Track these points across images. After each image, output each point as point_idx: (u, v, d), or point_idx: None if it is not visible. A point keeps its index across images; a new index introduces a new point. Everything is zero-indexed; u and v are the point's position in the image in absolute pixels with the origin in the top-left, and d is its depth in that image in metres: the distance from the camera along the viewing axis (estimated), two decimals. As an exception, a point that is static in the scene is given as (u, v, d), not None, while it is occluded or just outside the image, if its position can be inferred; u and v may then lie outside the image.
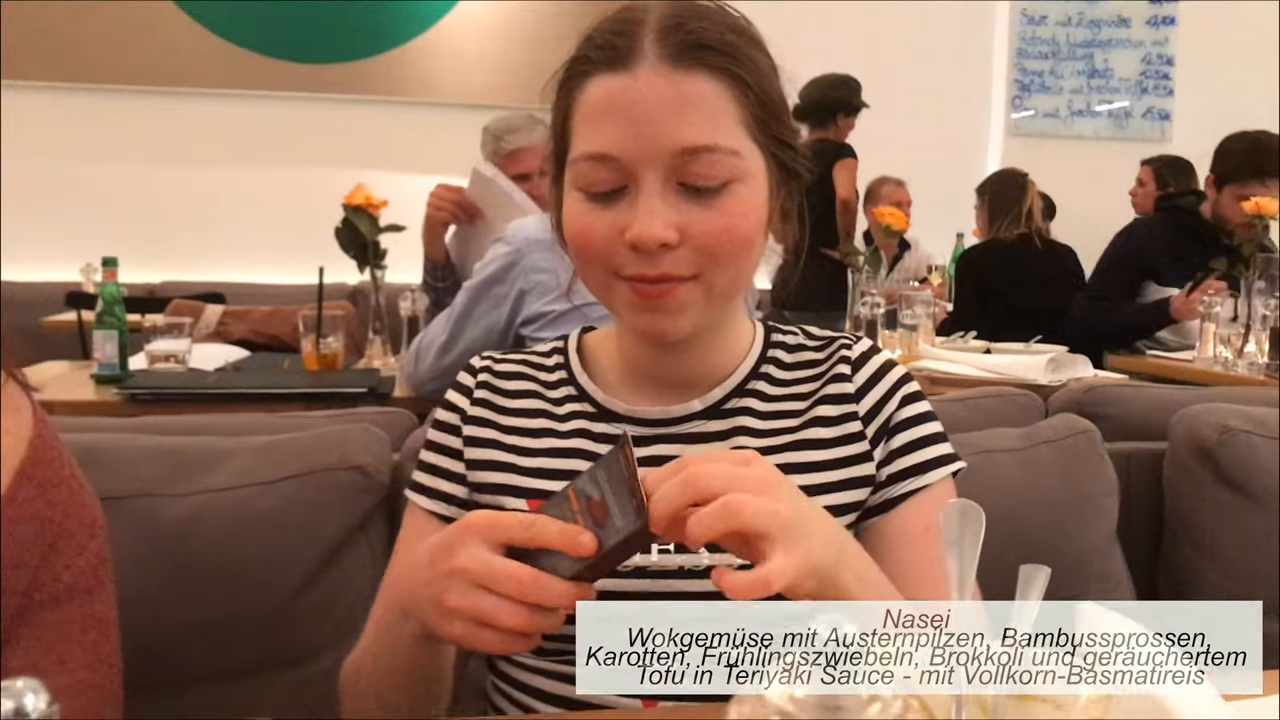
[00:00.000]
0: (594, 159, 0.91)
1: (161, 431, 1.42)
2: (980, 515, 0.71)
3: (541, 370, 1.08)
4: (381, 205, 2.64)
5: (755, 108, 0.93)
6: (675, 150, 0.89)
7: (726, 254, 0.92)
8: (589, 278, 0.97)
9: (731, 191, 0.92)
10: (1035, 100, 6.57)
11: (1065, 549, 1.48)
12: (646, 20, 0.92)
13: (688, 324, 0.95)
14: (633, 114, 0.89)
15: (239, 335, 3.17)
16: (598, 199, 0.92)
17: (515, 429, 1.04)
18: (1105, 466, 1.54)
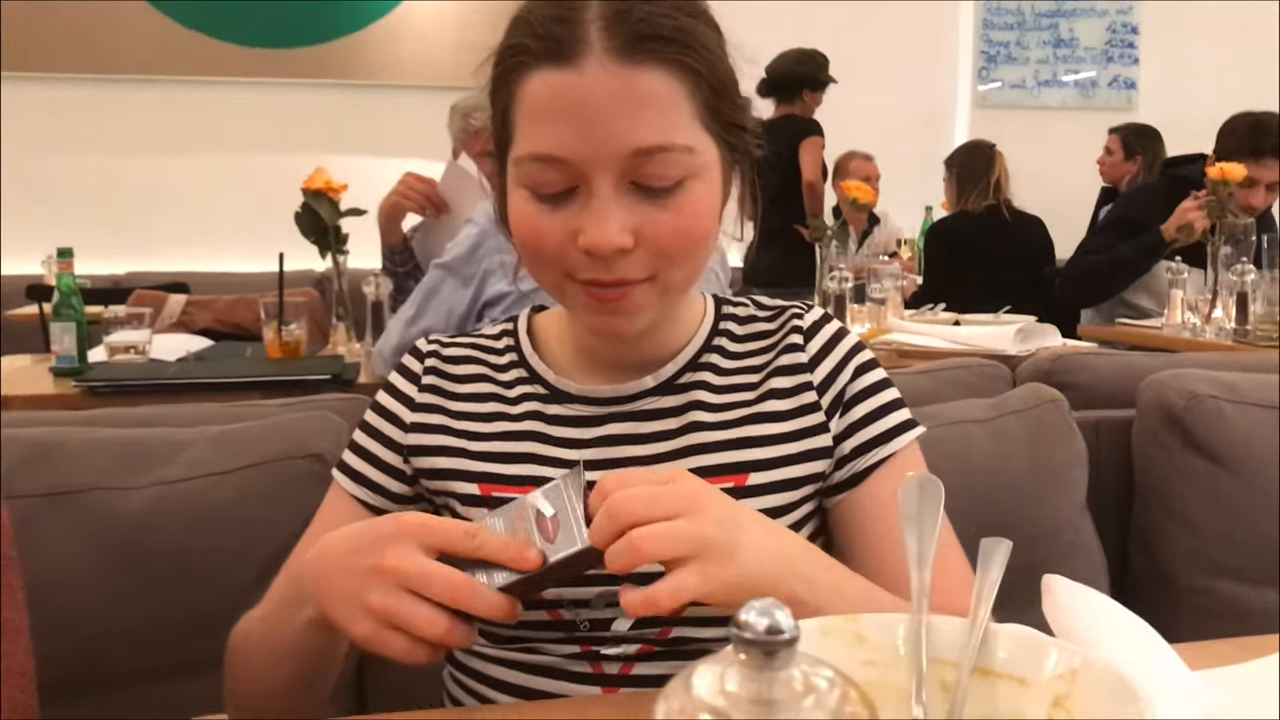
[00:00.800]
0: (540, 160, 0.87)
1: (115, 424, 1.39)
2: (939, 489, 0.69)
3: (491, 353, 1.06)
4: (341, 189, 2.59)
5: (708, 96, 0.89)
6: (628, 152, 0.85)
7: (681, 253, 0.90)
8: (541, 278, 0.94)
9: (686, 189, 0.88)
10: (1002, 71, 6.57)
11: (1035, 519, 1.47)
12: (590, 6, 0.86)
13: (643, 322, 0.93)
14: (581, 114, 0.84)
15: (203, 325, 3.15)
16: (546, 200, 0.88)
17: (465, 414, 1.01)
18: (1074, 436, 1.53)
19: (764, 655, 0.34)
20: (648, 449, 0.97)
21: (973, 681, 0.59)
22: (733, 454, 0.96)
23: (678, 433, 0.97)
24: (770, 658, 0.34)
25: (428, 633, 0.73)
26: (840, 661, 0.60)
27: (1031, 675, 0.58)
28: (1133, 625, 0.73)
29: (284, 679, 0.91)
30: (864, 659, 0.62)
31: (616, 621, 0.92)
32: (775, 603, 0.35)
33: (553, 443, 0.98)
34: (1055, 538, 1.49)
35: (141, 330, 2.46)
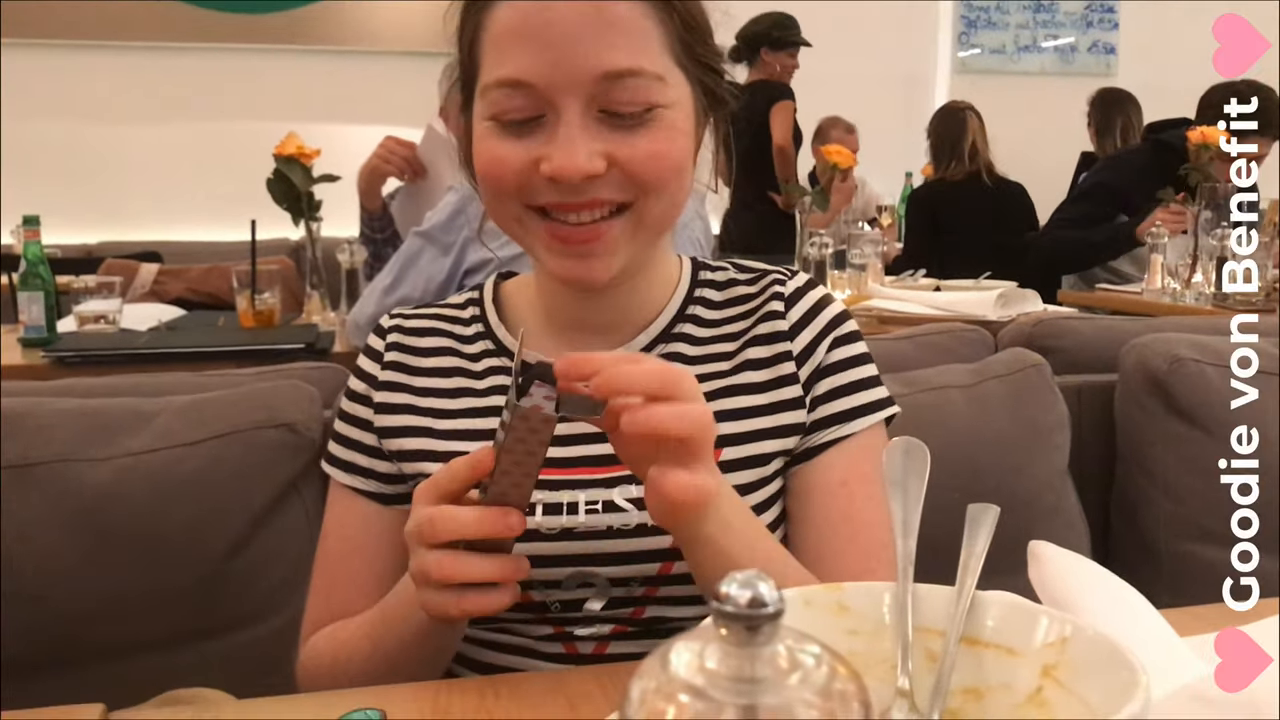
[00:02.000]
0: (507, 86, 0.84)
1: (81, 394, 1.36)
2: (925, 454, 0.67)
3: (456, 324, 1.02)
4: (314, 155, 2.55)
5: (680, 30, 0.87)
6: (596, 75, 0.82)
7: (657, 180, 0.86)
8: (501, 214, 0.90)
9: (657, 117, 0.85)
10: (982, 36, 6.54)
11: (1017, 485, 1.46)
12: None
13: (617, 265, 0.88)
14: (549, 37, 0.82)
15: (175, 294, 3.10)
16: (511, 128, 0.85)
17: (430, 390, 0.98)
18: (1056, 400, 1.52)
19: (746, 630, 0.32)
20: None
21: (960, 651, 0.58)
22: None
23: None
24: (753, 633, 0.32)
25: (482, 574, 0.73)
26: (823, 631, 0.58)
27: (1020, 644, 0.56)
28: (1121, 591, 0.72)
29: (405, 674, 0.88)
30: (848, 628, 0.60)
31: (589, 601, 0.90)
32: (758, 574, 0.33)
33: None
34: (1037, 502, 1.48)
35: (112, 300, 2.41)
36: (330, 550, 0.99)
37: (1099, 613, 0.69)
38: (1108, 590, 0.72)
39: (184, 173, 5.50)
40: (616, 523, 0.89)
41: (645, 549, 0.88)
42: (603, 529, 0.89)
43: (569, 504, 0.89)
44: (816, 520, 0.93)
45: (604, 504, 0.89)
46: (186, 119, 5.57)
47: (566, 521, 0.89)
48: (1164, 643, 0.67)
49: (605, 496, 0.89)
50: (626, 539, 0.89)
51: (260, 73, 5.59)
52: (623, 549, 0.88)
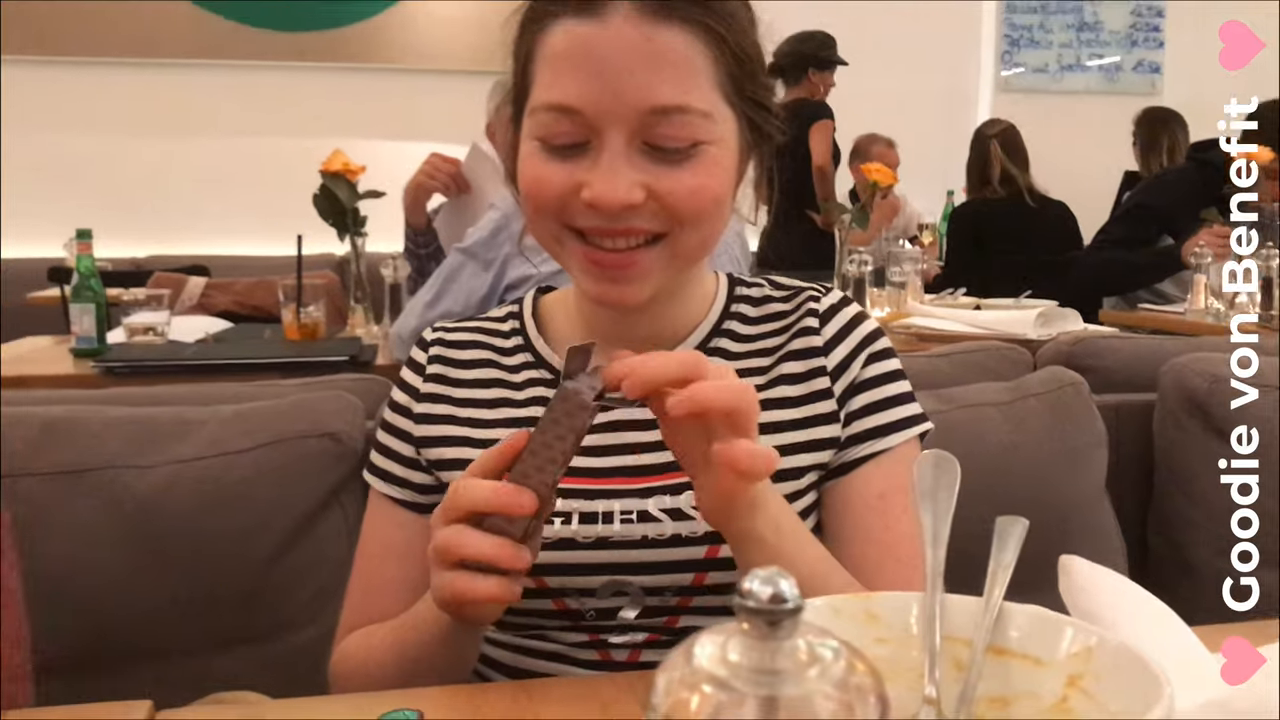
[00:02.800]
0: (555, 110, 0.85)
1: (130, 403, 1.39)
2: (955, 467, 0.68)
3: (496, 336, 1.04)
4: (360, 171, 2.59)
5: (731, 66, 0.87)
6: (644, 109, 0.83)
7: (695, 214, 0.87)
8: (540, 231, 0.91)
9: (700, 153, 0.86)
10: (1025, 55, 6.51)
11: (1054, 503, 1.46)
12: None
13: (648, 292, 0.90)
14: (600, 66, 0.83)
15: (222, 307, 3.14)
16: (556, 151, 0.86)
17: (470, 401, 1.00)
18: (1093, 419, 1.51)
19: (767, 625, 0.33)
20: (654, 434, 0.93)
21: (986, 660, 0.58)
22: None
23: None
24: (774, 627, 0.33)
25: (481, 551, 0.73)
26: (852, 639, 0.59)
27: (1046, 654, 0.57)
28: (1150, 605, 0.72)
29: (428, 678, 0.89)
30: (876, 637, 0.61)
31: (623, 610, 0.91)
32: (779, 571, 0.34)
33: None
34: (1074, 520, 1.48)
35: (160, 312, 2.46)
36: (367, 556, 1.02)
37: (1128, 625, 0.69)
38: (1137, 603, 0.72)
39: (231, 188, 5.58)
40: (651, 533, 0.90)
41: (679, 559, 0.90)
42: (637, 539, 0.90)
43: (604, 513, 0.91)
44: (854, 534, 0.94)
45: (639, 514, 0.91)
46: (235, 135, 5.65)
47: (602, 530, 0.90)
48: (1192, 656, 0.67)
49: (640, 506, 0.91)
50: (661, 549, 0.90)
51: (307, 90, 5.66)
52: (657, 559, 0.90)
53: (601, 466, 0.93)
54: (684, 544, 0.90)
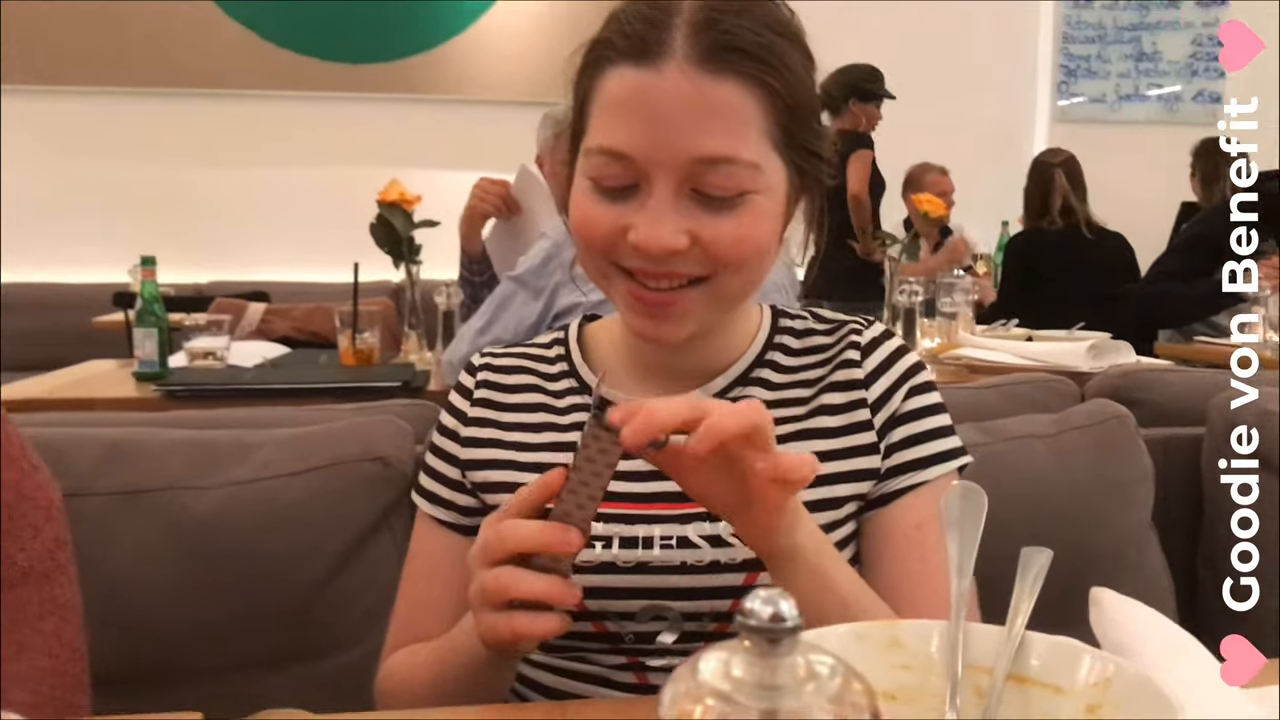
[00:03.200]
0: (607, 154, 0.88)
1: (190, 425, 1.43)
2: (982, 498, 0.69)
3: (542, 362, 1.06)
4: (415, 201, 2.65)
5: (783, 117, 0.89)
6: (692, 158, 0.85)
7: (739, 261, 0.89)
8: (589, 265, 0.94)
9: (747, 202, 0.88)
10: (1082, 85, 6.47)
11: (1098, 537, 1.45)
12: (681, 11, 0.87)
13: (689, 329, 0.92)
14: (652, 115, 0.85)
15: (281, 332, 3.21)
16: (607, 192, 0.89)
17: (516, 425, 1.02)
18: (1139, 452, 1.50)
19: (768, 642, 0.35)
20: None
21: (1007, 688, 0.60)
22: None
23: None
24: (774, 645, 0.35)
25: (530, 590, 0.75)
26: (876, 666, 0.61)
27: (1065, 682, 0.58)
28: (1178, 638, 0.73)
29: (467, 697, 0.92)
30: (900, 663, 0.62)
31: (662, 634, 0.93)
32: (780, 592, 0.36)
33: None
34: (1119, 555, 1.47)
35: (220, 337, 2.52)
36: (413, 575, 1.04)
37: (1154, 657, 0.70)
38: (1164, 636, 0.73)
39: (293, 215, 5.69)
40: (690, 559, 0.92)
41: (717, 585, 0.91)
42: (676, 564, 0.92)
43: (644, 538, 0.93)
44: (892, 564, 0.95)
45: (678, 540, 0.92)
46: (297, 164, 5.77)
47: (642, 555, 0.92)
48: (1219, 690, 0.68)
49: (680, 532, 0.93)
50: (699, 575, 0.92)
51: (369, 119, 5.77)
52: (695, 584, 0.91)
53: (642, 492, 0.95)
54: (722, 571, 0.91)
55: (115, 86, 5.57)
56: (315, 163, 5.76)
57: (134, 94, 5.60)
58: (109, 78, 5.54)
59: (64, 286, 5.42)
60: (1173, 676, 0.67)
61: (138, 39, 5.53)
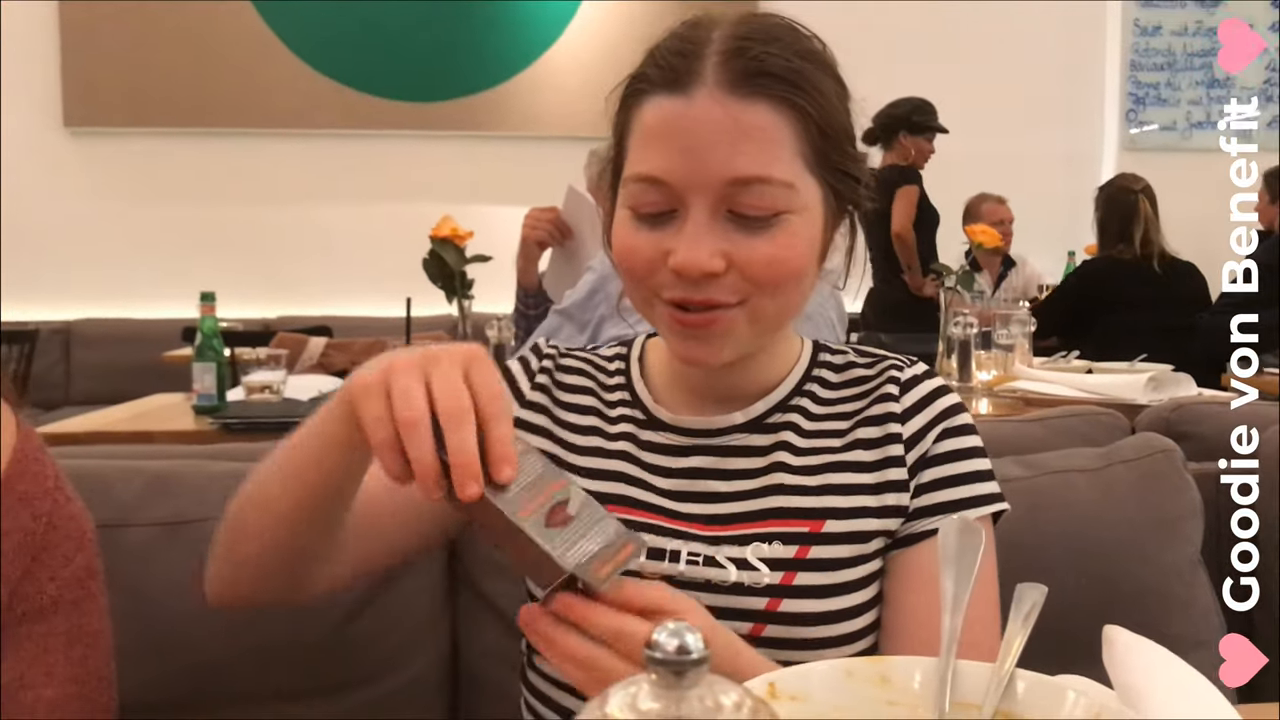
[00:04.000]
0: (644, 181, 0.90)
1: (234, 458, 1.45)
2: (980, 535, 0.69)
3: (602, 372, 1.08)
4: (468, 236, 2.69)
5: (816, 138, 0.90)
6: (726, 180, 0.87)
7: (774, 283, 0.90)
8: (633, 295, 0.96)
9: (783, 222, 0.89)
10: (1151, 113, 6.37)
11: (1143, 574, 1.42)
12: (711, 40, 0.90)
13: (730, 352, 0.93)
14: (686, 141, 0.88)
15: (340, 366, 3.26)
16: (645, 220, 0.91)
17: (567, 423, 1.04)
18: (1187, 487, 1.47)
19: (673, 675, 0.35)
20: (730, 485, 0.97)
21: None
22: (812, 499, 0.95)
23: (761, 472, 0.97)
24: (679, 677, 0.35)
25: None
26: (865, 701, 0.60)
27: None
28: (1190, 680, 0.71)
29: (289, 507, 0.90)
30: (888, 699, 0.62)
31: None
32: (687, 626, 0.36)
33: (642, 466, 0.99)
34: (1166, 591, 1.44)
35: (277, 371, 2.57)
36: None
37: (1166, 699, 0.68)
38: (1177, 677, 0.71)
39: (355, 251, 5.80)
40: (715, 578, 0.92)
41: (739, 607, 0.91)
42: (701, 582, 0.92)
43: (672, 551, 0.94)
44: (912, 608, 0.94)
45: (705, 558, 0.93)
46: (364, 200, 5.88)
47: (667, 568, 0.93)
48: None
49: (708, 552, 0.93)
50: (723, 595, 0.92)
51: (435, 156, 5.88)
52: (719, 604, 0.91)
53: (675, 510, 0.96)
54: (746, 593, 0.91)
55: (184, 128, 5.74)
56: (378, 199, 5.87)
57: (203, 134, 5.77)
58: (177, 119, 5.72)
59: (136, 322, 5.56)
60: (1177, 715, 0.66)
61: (205, 80, 5.70)
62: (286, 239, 5.81)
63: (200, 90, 5.70)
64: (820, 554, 0.93)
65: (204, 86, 5.70)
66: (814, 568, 0.92)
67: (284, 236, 5.81)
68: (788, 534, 0.93)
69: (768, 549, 0.92)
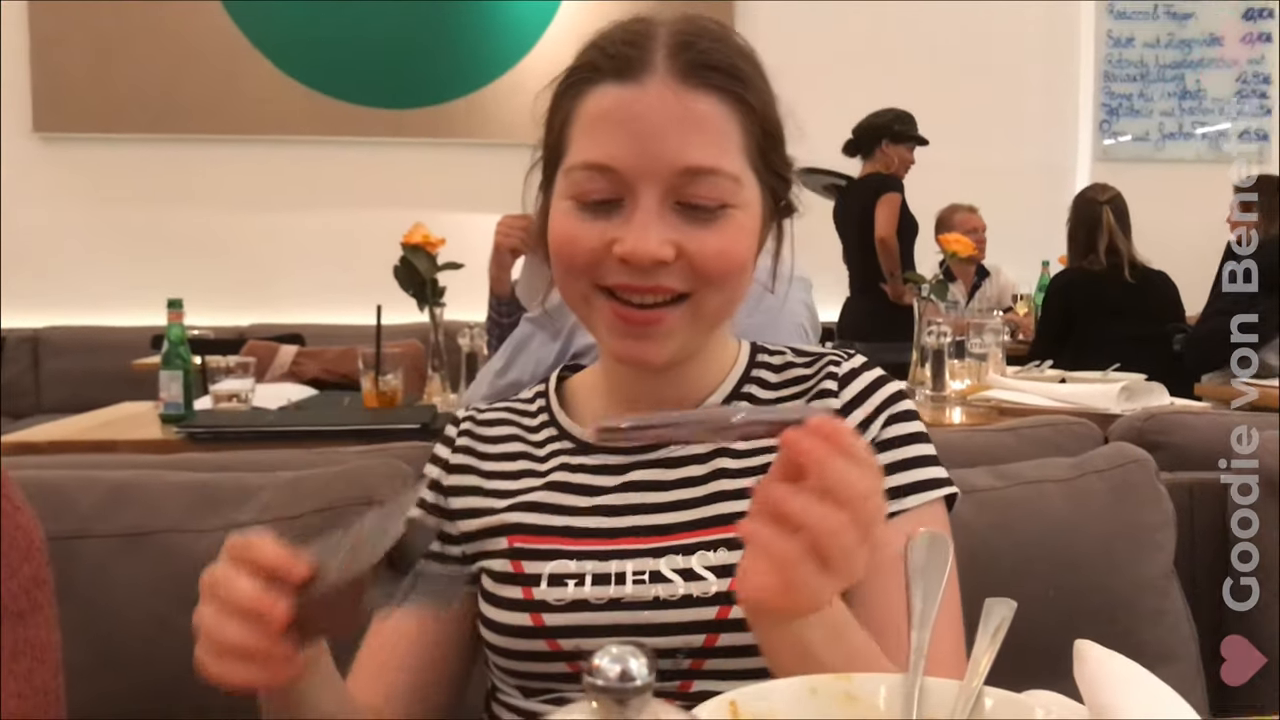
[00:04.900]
0: (592, 168, 0.89)
1: (194, 468, 1.44)
2: (948, 547, 0.67)
3: (524, 415, 1.07)
4: (439, 244, 2.67)
5: (758, 136, 0.92)
6: (678, 169, 0.87)
7: (721, 275, 0.90)
8: (569, 291, 0.94)
9: (728, 216, 0.90)
10: (1125, 124, 6.42)
11: (1118, 584, 1.41)
12: (658, 34, 0.90)
13: (672, 350, 0.92)
14: (638, 127, 0.88)
15: (311, 374, 3.25)
16: (589, 208, 0.90)
17: (497, 473, 1.03)
18: (1160, 497, 1.46)
19: (615, 703, 0.33)
20: (673, 495, 0.96)
21: (962, 746, 0.57)
22: None
23: (703, 479, 0.96)
24: (622, 705, 0.33)
25: (233, 640, 0.76)
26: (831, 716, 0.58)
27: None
28: (1162, 694, 0.70)
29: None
30: (855, 716, 0.60)
31: None
32: (631, 650, 0.34)
33: (578, 493, 0.98)
34: (1140, 603, 1.43)
35: (245, 380, 2.54)
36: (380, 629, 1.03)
37: (1135, 713, 0.67)
38: (1149, 691, 0.70)
39: (327, 258, 5.77)
40: (663, 593, 0.90)
41: (690, 620, 0.89)
42: (649, 599, 0.91)
43: (617, 574, 0.92)
44: (876, 596, 0.92)
45: (651, 574, 0.91)
46: (332, 207, 5.86)
47: (614, 592, 0.91)
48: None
49: (653, 566, 0.92)
50: (672, 609, 0.90)
51: (408, 163, 5.86)
52: (669, 620, 0.90)
53: (615, 527, 0.94)
54: (695, 604, 0.90)
55: (154, 134, 5.71)
56: (351, 205, 5.84)
57: (174, 140, 5.73)
58: (151, 125, 5.68)
59: (105, 329, 5.51)
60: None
61: (179, 86, 5.66)
62: (259, 246, 5.77)
63: (171, 95, 5.66)
64: None
65: (175, 92, 5.66)
66: None
67: (256, 243, 5.78)
68: (733, 540, 0.91)
69: (713, 556, 0.91)
